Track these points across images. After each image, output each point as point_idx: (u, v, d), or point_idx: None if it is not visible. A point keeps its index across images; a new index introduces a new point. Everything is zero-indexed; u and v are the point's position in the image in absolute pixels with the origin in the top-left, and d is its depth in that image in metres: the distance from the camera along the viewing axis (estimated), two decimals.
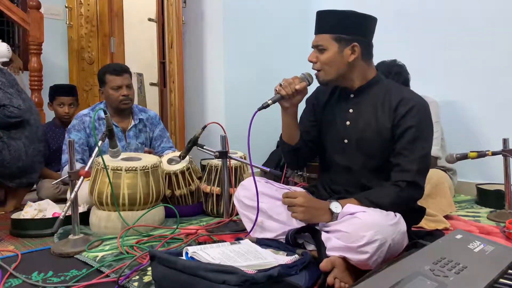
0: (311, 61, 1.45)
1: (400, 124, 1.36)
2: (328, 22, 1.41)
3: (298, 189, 1.63)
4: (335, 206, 1.31)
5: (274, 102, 1.41)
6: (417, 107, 1.36)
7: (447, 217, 2.00)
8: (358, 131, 1.43)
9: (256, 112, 1.38)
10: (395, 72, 2.27)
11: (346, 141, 1.46)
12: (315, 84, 1.51)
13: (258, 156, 3.06)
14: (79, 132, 2.37)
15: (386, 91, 1.43)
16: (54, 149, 2.69)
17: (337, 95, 1.53)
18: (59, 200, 2.38)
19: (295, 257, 1.26)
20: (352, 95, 1.48)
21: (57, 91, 2.75)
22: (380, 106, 1.41)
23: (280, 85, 1.43)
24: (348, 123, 1.46)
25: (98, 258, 1.50)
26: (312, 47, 1.45)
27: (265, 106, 1.40)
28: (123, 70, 2.41)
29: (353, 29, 1.39)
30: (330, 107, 1.54)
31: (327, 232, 1.30)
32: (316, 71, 1.45)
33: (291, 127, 1.52)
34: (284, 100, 1.44)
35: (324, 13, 1.42)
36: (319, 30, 1.43)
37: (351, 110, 1.47)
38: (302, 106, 1.56)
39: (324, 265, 1.18)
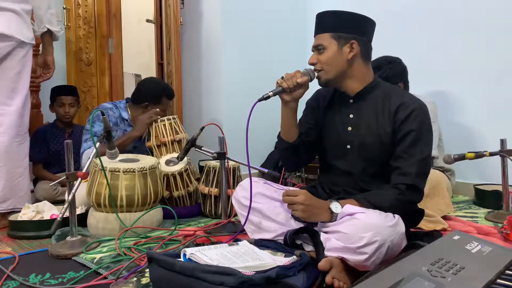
0: (311, 64, 1.46)
1: (400, 129, 1.37)
2: (327, 21, 1.44)
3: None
4: (335, 206, 1.31)
5: (275, 94, 1.42)
6: (416, 111, 1.37)
7: (445, 217, 2.01)
8: (359, 136, 1.44)
9: (256, 103, 1.38)
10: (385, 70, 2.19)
11: (348, 146, 1.47)
12: (316, 84, 1.51)
13: (257, 157, 3.05)
14: (102, 123, 2.43)
15: (385, 95, 1.43)
16: (54, 150, 2.69)
17: (336, 100, 1.53)
18: (57, 201, 2.37)
19: (293, 258, 1.26)
20: (351, 100, 1.48)
21: (57, 91, 2.76)
22: (380, 110, 1.42)
23: (282, 78, 1.44)
24: (350, 128, 1.47)
25: (96, 260, 1.50)
26: (312, 50, 1.47)
27: (265, 97, 1.40)
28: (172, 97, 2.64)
29: (351, 28, 1.41)
30: (330, 112, 1.54)
31: (326, 233, 1.30)
32: (317, 72, 1.46)
33: (290, 122, 1.51)
34: (285, 93, 1.44)
35: (323, 13, 1.46)
36: (318, 30, 1.46)
37: (351, 116, 1.47)
38: (300, 109, 1.56)
39: (322, 264, 1.19)
